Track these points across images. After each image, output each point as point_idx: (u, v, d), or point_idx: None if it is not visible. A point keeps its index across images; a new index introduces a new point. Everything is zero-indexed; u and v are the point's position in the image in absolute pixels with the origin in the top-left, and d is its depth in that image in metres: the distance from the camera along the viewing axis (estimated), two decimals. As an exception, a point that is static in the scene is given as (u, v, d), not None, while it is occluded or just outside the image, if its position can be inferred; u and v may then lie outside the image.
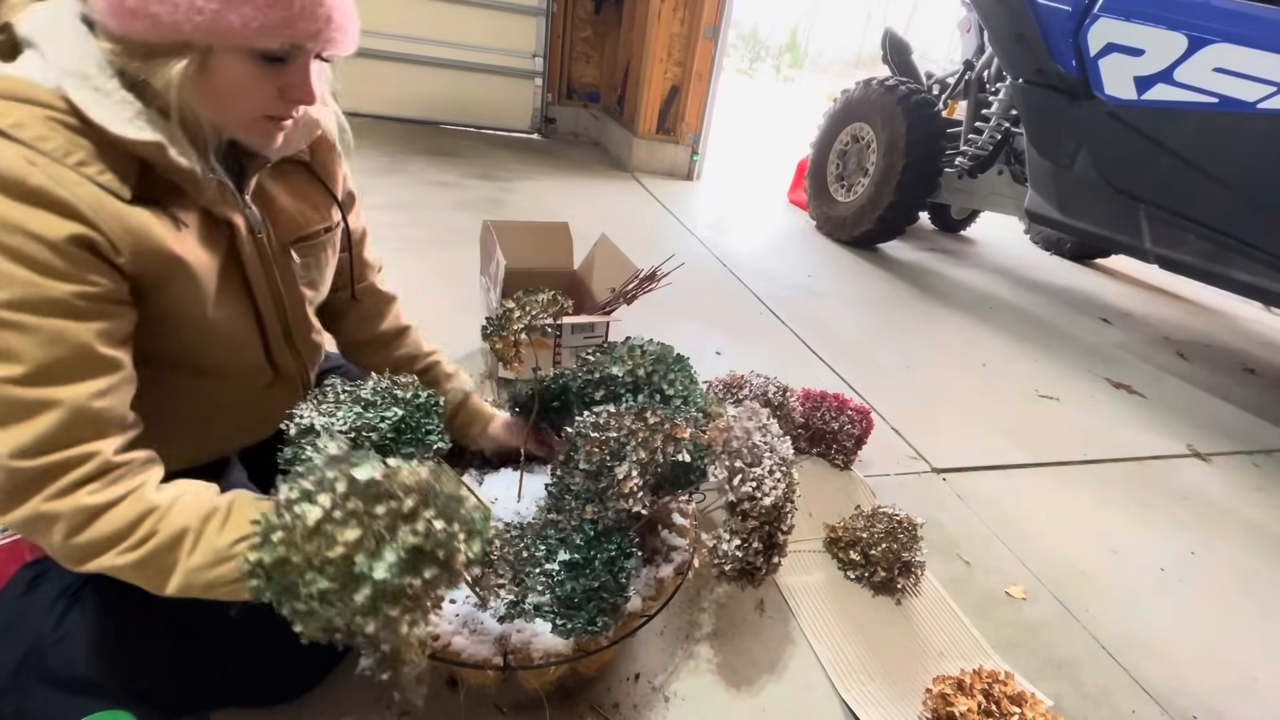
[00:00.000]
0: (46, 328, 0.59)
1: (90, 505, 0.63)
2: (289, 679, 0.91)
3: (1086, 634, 1.33)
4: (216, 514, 0.70)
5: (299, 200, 0.88)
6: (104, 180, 0.62)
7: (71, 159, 0.60)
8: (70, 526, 0.62)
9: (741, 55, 16.97)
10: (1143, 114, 2.34)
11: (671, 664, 1.09)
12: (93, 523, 0.63)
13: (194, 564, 0.67)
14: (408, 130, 4.54)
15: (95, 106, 0.61)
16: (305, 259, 0.90)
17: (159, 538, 0.66)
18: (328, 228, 0.93)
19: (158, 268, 0.68)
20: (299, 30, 0.64)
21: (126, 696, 0.82)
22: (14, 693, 0.80)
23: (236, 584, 0.68)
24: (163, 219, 0.68)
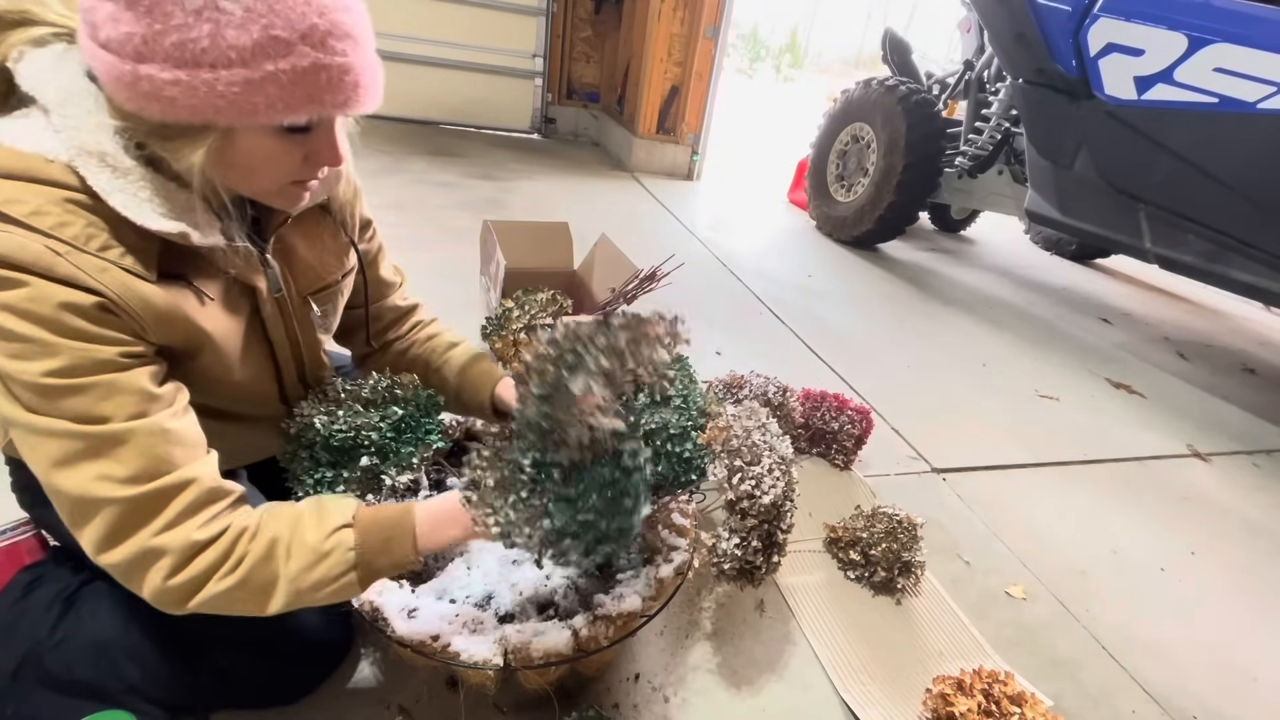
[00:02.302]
0: (101, 383, 0.59)
1: (197, 540, 0.63)
2: (288, 681, 0.91)
3: (1086, 634, 1.33)
4: (303, 517, 0.69)
5: (318, 248, 0.86)
6: (127, 264, 0.60)
7: (94, 244, 0.58)
8: (174, 563, 0.62)
9: (741, 55, 16.98)
10: (1143, 114, 2.34)
11: (671, 664, 1.09)
12: (196, 557, 0.63)
13: (293, 570, 0.66)
14: (408, 130, 4.54)
15: (115, 193, 0.58)
16: (324, 307, 0.90)
17: (253, 554, 0.65)
18: (345, 274, 0.92)
19: (185, 340, 0.68)
20: (326, 103, 0.60)
21: (125, 698, 0.82)
22: (13, 696, 0.80)
23: (340, 581, 0.68)
24: (188, 294, 0.67)
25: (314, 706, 0.92)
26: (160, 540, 0.61)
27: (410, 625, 0.82)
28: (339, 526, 0.69)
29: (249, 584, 0.65)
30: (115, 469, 0.59)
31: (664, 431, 1.00)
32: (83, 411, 0.58)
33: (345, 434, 0.85)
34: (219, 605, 0.65)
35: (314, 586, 0.67)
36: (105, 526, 0.60)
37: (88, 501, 0.59)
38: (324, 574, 0.67)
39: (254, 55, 0.54)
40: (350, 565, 0.68)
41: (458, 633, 0.82)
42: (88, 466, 0.59)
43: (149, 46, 0.53)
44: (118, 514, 0.60)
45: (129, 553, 0.61)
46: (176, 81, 0.54)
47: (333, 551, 0.68)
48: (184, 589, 0.63)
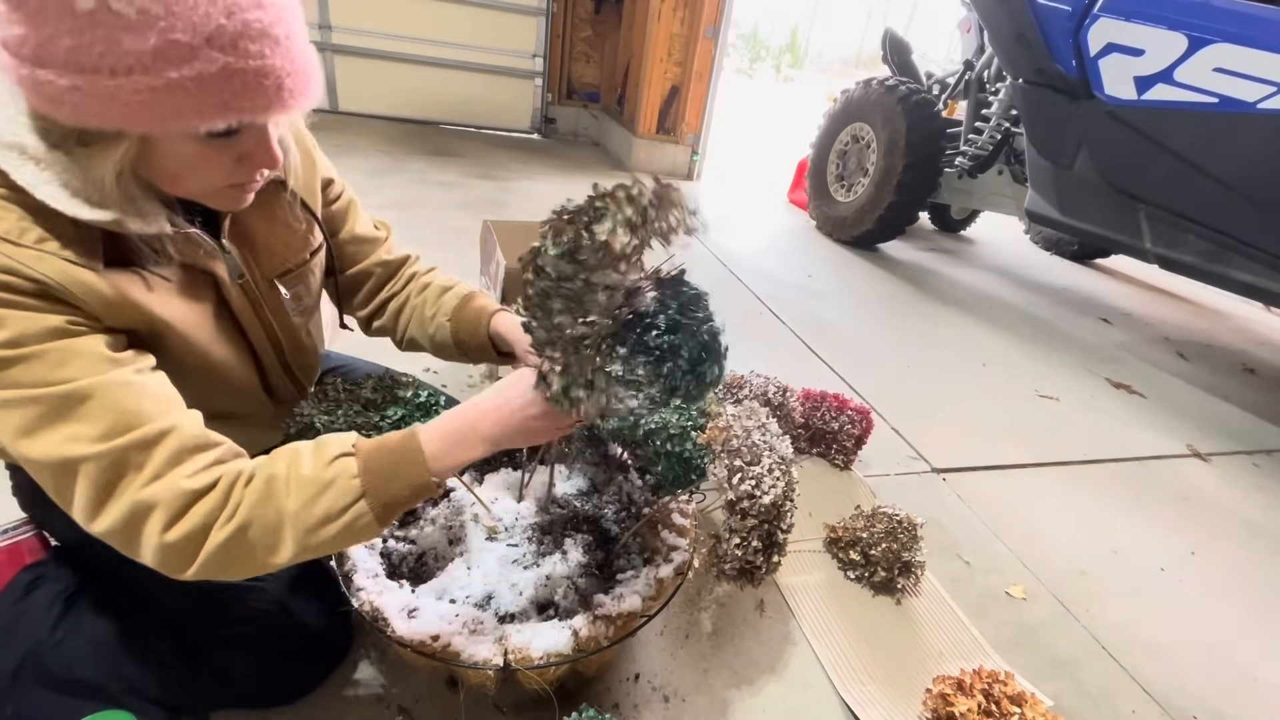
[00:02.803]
0: (53, 349, 0.57)
1: (189, 488, 0.59)
2: (289, 681, 0.91)
3: (1086, 634, 1.33)
4: (300, 452, 0.65)
5: (279, 227, 0.82)
6: (67, 255, 0.58)
7: (28, 237, 0.56)
8: (168, 515, 0.58)
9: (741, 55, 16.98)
10: (1143, 114, 2.34)
11: (671, 664, 1.09)
12: (191, 507, 0.59)
13: (295, 505, 0.62)
14: (408, 130, 4.54)
15: (41, 185, 0.55)
16: (294, 289, 0.86)
17: (250, 495, 0.61)
18: (313, 251, 0.88)
19: (145, 327, 0.66)
20: (244, 108, 0.55)
21: (125, 698, 0.82)
22: (13, 696, 0.80)
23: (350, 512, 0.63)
24: (135, 280, 0.64)
25: (314, 706, 0.92)
26: (148, 492, 0.58)
27: (410, 625, 0.82)
28: (338, 455, 0.65)
29: (252, 528, 0.60)
30: (83, 428, 0.57)
31: (664, 431, 1.00)
32: (38, 378, 0.56)
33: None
34: (227, 562, 0.61)
35: (321, 520, 0.62)
36: (89, 488, 0.57)
37: (63, 465, 0.57)
38: (330, 505, 0.62)
39: (154, 61, 0.50)
40: (357, 493, 0.63)
41: (458, 633, 0.83)
42: (55, 430, 0.56)
43: (45, 50, 0.49)
44: (98, 471, 0.57)
45: (119, 512, 0.58)
46: (76, 88, 0.50)
47: (335, 479, 0.63)
48: (185, 545, 0.59)
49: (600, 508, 1.11)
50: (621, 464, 1.19)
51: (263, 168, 0.65)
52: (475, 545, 1.02)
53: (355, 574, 0.88)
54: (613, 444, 1.18)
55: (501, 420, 0.70)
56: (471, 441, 0.69)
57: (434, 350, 1.04)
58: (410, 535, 1.03)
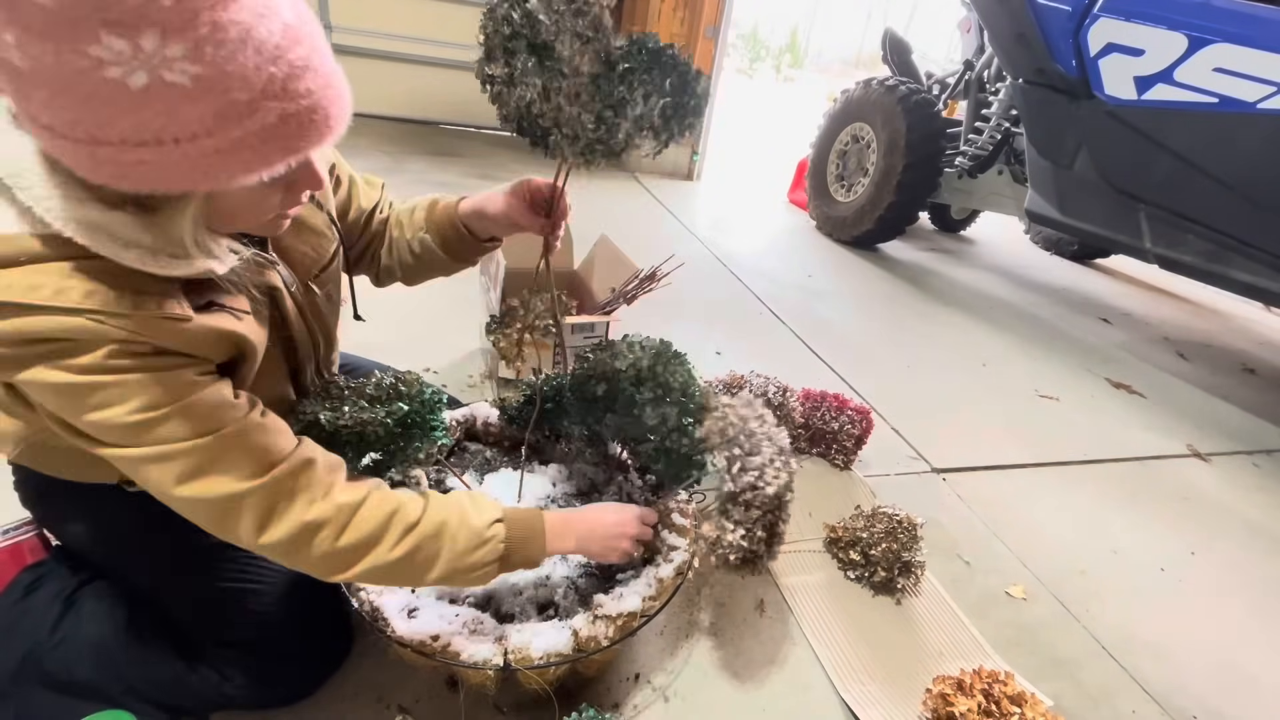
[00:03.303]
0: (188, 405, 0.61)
1: (347, 503, 0.68)
2: (288, 681, 0.91)
3: (1086, 634, 1.33)
4: (464, 505, 0.76)
5: (305, 230, 0.84)
6: (164, 313, 0.59)
7: (125, 305, 0.56)
8: (337, 529, 0.67)
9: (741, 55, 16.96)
10: (1143, 114, 2.34)
11: (671, 664, 1.09)
12: (352, 520, 0.68)
13: (459, 549, 0.73)
14: (408, 130, 4.54)
15: (124, 251, 0.55)
16: (325, 288, 0.89)
17: (421, 530, 0.71)
18: (337, 248, 0.91)
19: (238, 353, 0.70)
20: (302, 149, 0.55)
21: (125, 698, 0.82)
22: (13, 696, 0.80)
23: (489, 567, 0.76)
24: (224, 317, 0.66)
25: (314, 706, 0.92)
26: (315, 512, 0.66)
27: (410, 625, 0.82)
28: (496, 519, 0.77)
29: (417, 556, 0.71)
30: (238, 467, 0.63)
31: (663, 427, 1.00)
32: (183, 434, 0.60)
33: (350, 430, 0.85)
34: (379, 574, 0.70)
35: (470, 567, 0.74)
36: (255, 516, 0.63)
37: (227, 501, 0.62)
38: (480, 557, 0.75)
39: (216, 124, 0.49)
40: (499, 555, 0.76)
41: (458, 633, 0.83)
42: (212, 476, 0.62)
43: (102, 130, 0.48)
44: (260, 501, 0.63)
45: (288, 530, 0.64)
46: (142, 161, 0.49)
47: (491, 540, 0.76)
48: (351, 552, 0.68)
49: (600, 508, 1.11)
50: (621, 464, 1.19)
51: (309, 189, 0.67)
52: (475, 545, 1.02)
53: (355, 574, 0.87)
54: (613, 444, 1.18)
55: (591, 530, 0.89)
56: (569, 537, 0.86)
57: (429, 268, 1.05)
58: (410, 535, 1.03)
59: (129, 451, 0.60)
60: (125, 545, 0.84)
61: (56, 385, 0.56)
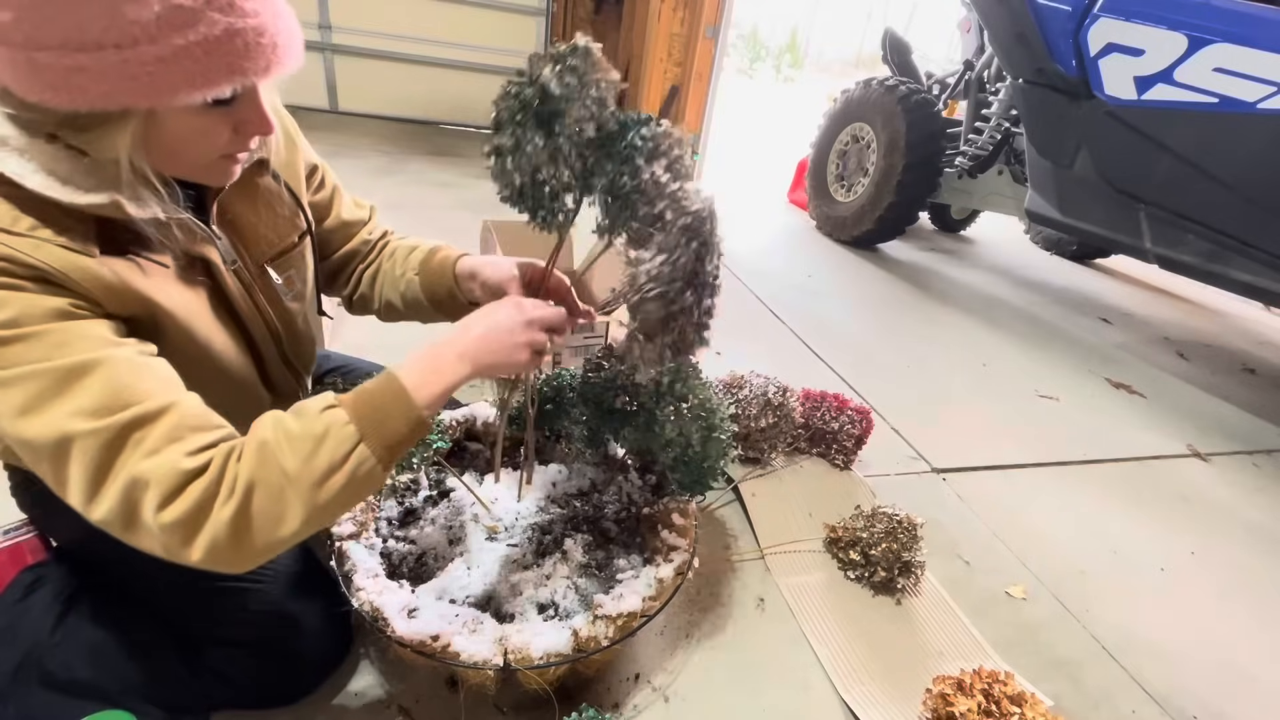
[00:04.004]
0: (55, 330, 0.56)
1: (186, 468, 0.57)
2: (288, 681, 0.91)
3: (1086, 634, 1.33)
4: (283, 416, 0.64)
5: (264, 211, 0.81)
6: (63, 241, 0.56)
7: (22, 225, 0.55)
8: (163, 493, 0.55)
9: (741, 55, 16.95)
10: (1143, 114, 2.34)
11: (671, 664, 1.09)
12: (187, 486, 0.56)
13: (294, 465, 0.59)
14: (408, 130, 4.54)
15: (31, 175, 0.54)
16: (285, 274, 0.85)
17: (246, 466, 0.59)
18: (301, 234, 0.88)
19: (144, 313, 0.65)
20: (247, 71, 0.55)
21: (125, 698, 0.82)
22: (13, 696, 0.80)
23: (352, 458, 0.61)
24: (134, 268, 0.63)
25: (314, 706, 0.92)
26: (143, 467, 0.55)
27: (410, 625, 0.82)
28: (324, 408, 0.64)
29: (255, 497, 0.58)
30: (82, 402, 0.54)
31: (681, 439, 1.01)
32: (38, 355, 0.54)
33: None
34: (235, 541, 0.57)
35: (325, 473, 0.60)
36: (86, 467, 0.55)
37: (60, 444, 0.54)
38: (331, 456, 0.60)
39: (160, 29, 0.49)
40: (354, 438, 0.62)
41: (458, 633, 0.83)
42: (54, 406, 0.54)
43: (41, 31, 0.47)
44: (95, 449, 0.55)
45: (115, 492, 0.55)
46: (80, 67, 0.48)
47: (329, 430, 0.61)
48: (184, 525, 0.56)
49: (600, 508, 1.11)
50: (622, 464, 1.19)
51: (258, 134, 0.65)
52: (475, 545, 1.02)
53: (355, 574, 0.88)
54: (613, 444, 1.18)
55: (480, 337, 0.72)
56: (448, 362, 0.70)
57: (407, 310, 1.01)
58: (410, 535, 1.03)
59: None
60: (120, 544, 0.84)
61: None
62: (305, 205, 0.88)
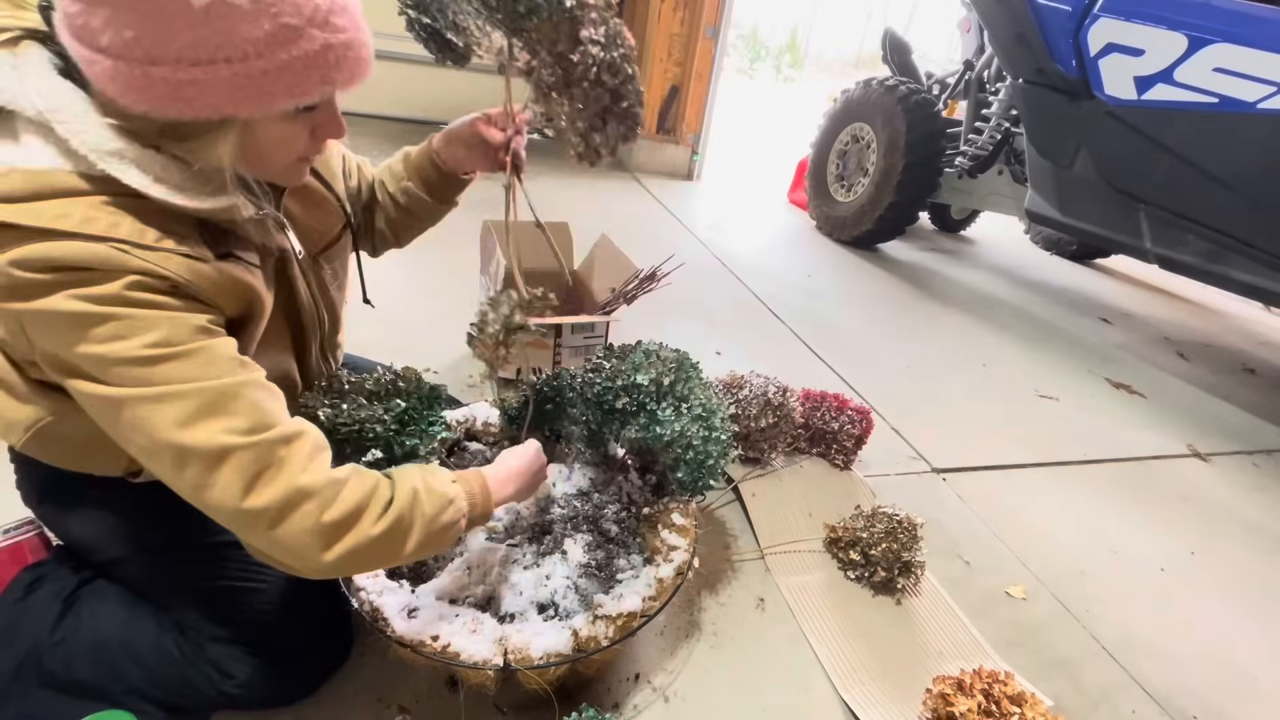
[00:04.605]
0: (201, 349, 0.61)
1: (335, 476, 0.65)
2: (288, 681, 0.90)
3: (1086, 634, 1.33)
4: (424, 473, 0.75)
5: (313, 208, 0.88)
6: (185, 250, 0.61)
7: (149, 238, 0.59)
8: (323, 500, 0.63)
9: (741, 55, 16.95)
10: (1143, 114, 2.34)
11: (671, 664, 1.09)
12: (340, 493, 0.64)
13: (430, 513, 0.71)
14: (408, 130, 4.54)
15: (151, 185, 0.58)
16: (332, 265, 0.92)
17: (399, 503, 0.69)
18: (344, 226, 0.94)
19: (246, 311, 0.70)
20: (337, 81, 0.61)
21: (125, 698, 0.82)
22: (13, 695, 0.80)
23: (458, 526, 0.75)
24: (239, 267, 0.68)
25: (314, 706, 0.92)
26: (306, 479, 0.63)
27: (410, 625, 0.82)
28: (453, 480, 0.77)
29: (396, 529, 0.68)
30: (236, 421, 0.61)
31: (682, 439, 1.01)
32: (192, 375, 0.59)
33: (349, 427, 0.86)
34: (360, 552, 0.66)
35: (442, 529, 0.72)
36: (244, 474, 0.60)
37: (218, 453, 0.60)
38: (449, 518, 0.73)
39: (267, 46, 0.54)
40: (464, 513, 0.76)
41: (458, 633, 0.83)
42: (211, 422, 0.59)
43: (160, 48, 0.51)
44: (252, 459, 0.61)
45: (279, 494, 0.61)
46: (194, 81, 0.53)
47: (455, 500, 0.74)
48: (338, 526, 0.64)
49: (600, 508, 1.11)
50: (622, 464, 1.19)
51: (332, 136, 0.71)
52: (475, 545, 1.02)
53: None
54: (613, 444, 1.18)
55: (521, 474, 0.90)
56: (508, 485, 0.87)
57: (419, 217, 1.09)
58: (410, 535, 1.03)
59: (128, 391, 0.58)
60: (128, 541, 0.84)
61: (73, 314, 0.56)
62: (344, 199, 0.94)
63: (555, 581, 0.98)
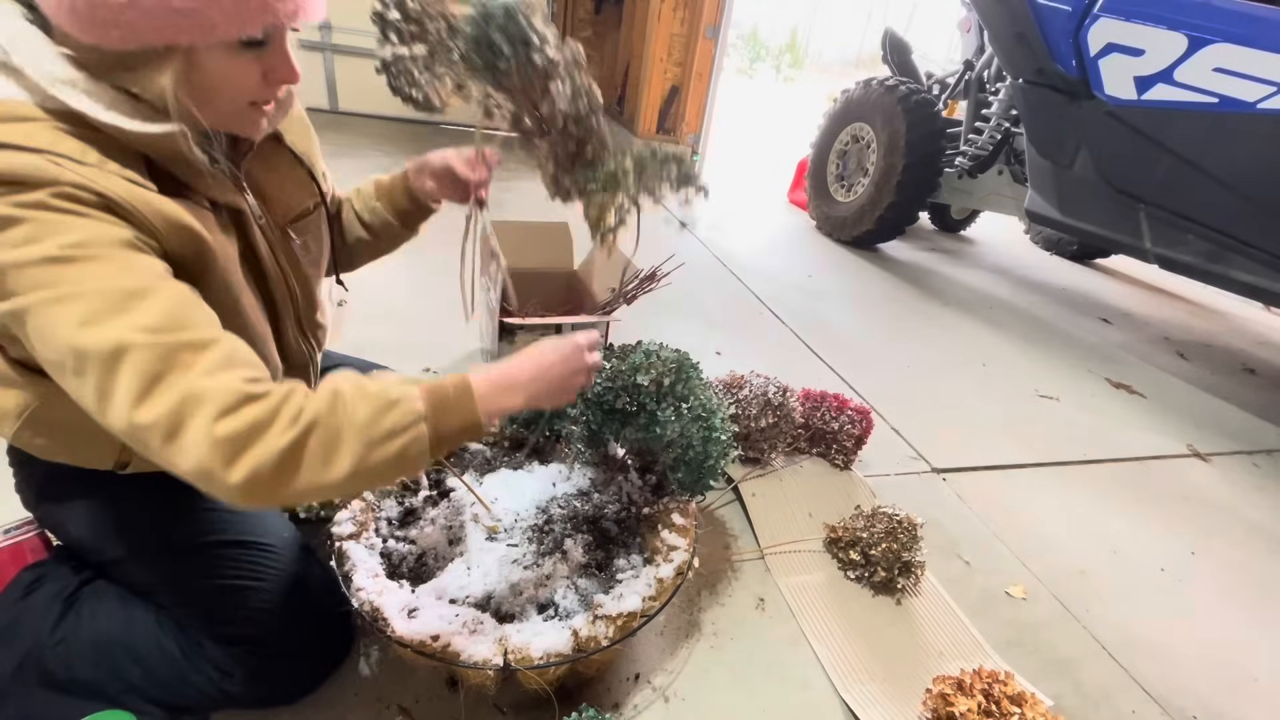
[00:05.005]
0: (118, 257, 0.58)
1: (244, 391, 0.58)
2: (288, 681, 0.91)
3: (1086, 634, 1.33)
4: (361, 377, 0.67)
5: (285, 181, 0.88)
6: (129, 175, 0.61)
7: (91, 158, 0.59)
8: (220, 407, 0.56)
9: (741, 55, 16.94)
10: (1143, 114, 2.34)
11: (671, 664, 1.09)
12: (244, 406, 0.57)
13: (362, 417, 0.62)
14: (408, 130, 4.54)
15: (101, 111, 0.59)
16: (303, 237, 0.91)
17: (314, 406, 0.61)
18: (316, 203, 0.94)
19: (194, 254, 0.68)
20: (279, 12, 0.62)
21: (125, 698, 0.82)
22: (13, 695, 0.80)
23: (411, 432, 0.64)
24: (186, 206, 0.67)
25: (314, 706, 0.92)
26: (202, 384, 0.56)
27: (410, 625, 0.82)
28: (401, 381, 0.68)
29: (314, 435, 0.59)
30: (141, 318, 0.56)
31: (682, 439, 1.01)
32: (104, 275, 0.57)
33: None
34: (275, 474, 0.58)
35: (386, 435, 0.62)
36: (138, 375, 0.55)
37: (117, 351, 0.55)
38: (396, 421, 0.63)
39: None
40: (419, 415, 0.65)
41: (458, 633, 0.83)
42: (115, 320, 0.56)
43: None
44: (150, 360, 0.56)
45: (168, 402, 0.55)
46: (132, 4, 0.55)
47: (400, 400, 0.65)
48: (236, 441, 0.56)
49: (600, 508, 1.11)
50: (622, 464, 1.19)
51: (284, 81, 0.70)
52: (475, 545, 1.02)
53: (355, 574, 0.88)
54: (613, 444, 1.18)
55: (539, 379, 0.78)
56: (514, 391, 0.75)
57: (379, 239, 1.11)
58: (410, 535, 1.03)
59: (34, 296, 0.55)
60: (127, 541, 0.84)
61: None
62: (320, 180, 0.94)
63: (555, 581, 0.98)
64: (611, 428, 1.10)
